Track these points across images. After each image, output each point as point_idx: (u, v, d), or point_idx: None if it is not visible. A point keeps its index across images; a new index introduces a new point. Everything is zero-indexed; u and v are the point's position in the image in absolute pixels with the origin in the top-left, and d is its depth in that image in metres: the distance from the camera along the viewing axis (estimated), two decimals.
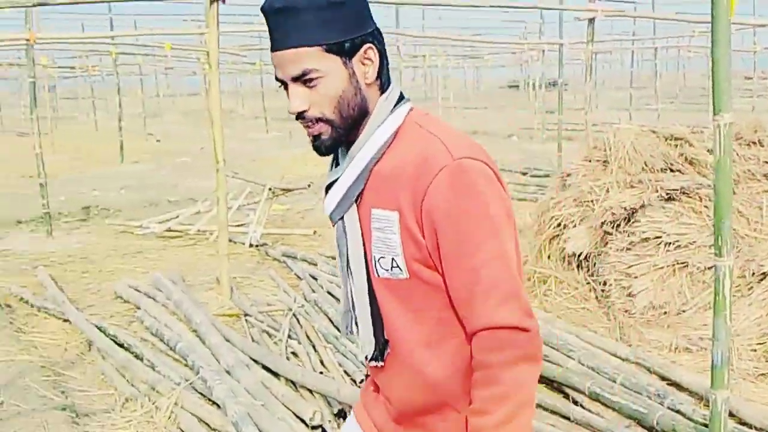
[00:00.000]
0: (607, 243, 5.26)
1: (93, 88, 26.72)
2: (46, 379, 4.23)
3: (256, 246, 7.41)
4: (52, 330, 5.15)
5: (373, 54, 1.54)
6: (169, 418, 3.68)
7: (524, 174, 11.50)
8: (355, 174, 1.57)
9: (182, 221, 8.39)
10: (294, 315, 5.09)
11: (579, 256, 5.46)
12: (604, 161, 5.82)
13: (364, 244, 1.58)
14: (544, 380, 3.92)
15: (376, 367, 1.65)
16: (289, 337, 4.75)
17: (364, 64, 1.54)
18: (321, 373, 4.10)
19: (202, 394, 3.91)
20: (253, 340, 4.77)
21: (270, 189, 7.72)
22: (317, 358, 4.37)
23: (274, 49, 1.52)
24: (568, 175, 6.10)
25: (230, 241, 7.70)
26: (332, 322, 4.87)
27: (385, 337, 1.61)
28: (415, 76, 33.76)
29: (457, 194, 1.46)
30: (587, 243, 5.38)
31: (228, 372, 4.06)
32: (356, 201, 1.58)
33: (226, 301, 5.62)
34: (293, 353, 4.53)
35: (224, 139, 5.76)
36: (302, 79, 1.51)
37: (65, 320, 5.24)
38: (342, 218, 1.60)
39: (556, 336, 4.42)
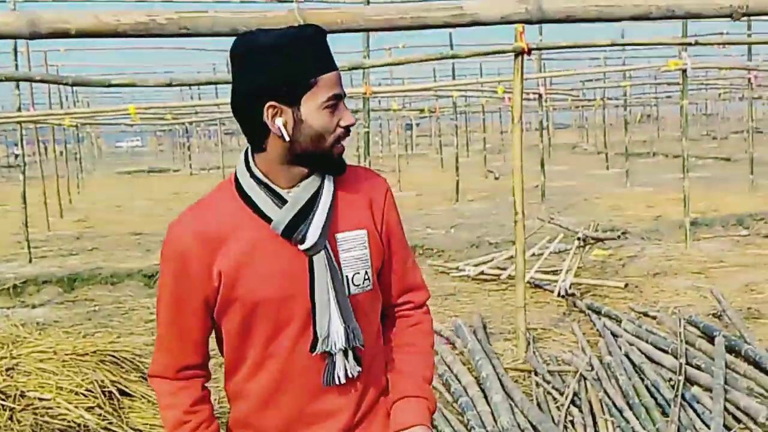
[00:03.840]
0: None
1: (440, 125, 28.34)
2: None
3: (565, 296, 7.23)
4: None
5: None
6: None
7: None
8: (329, 200, 1.72)
9: (498, 264, 8.49)
10: (583, 377, 4.89)
11: None
12: None
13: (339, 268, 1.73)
14: None
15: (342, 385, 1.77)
16: (573, 402, 4.58)
17: None
18: None
19: None
20: (538, 401, 4.68)
21: (579, 238, 7.50)
22: None
23: (332, 69, 1.65)
24: None
25: (538, 288, 7.69)
26: (621, 390, 4.60)
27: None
28: None
29: (395, 206, 1.87)
30: None
31: None
32: None
33: (520, 354, 5.56)
34: (572, 422, 4.36)
35: (564, 178, 5.72)
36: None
37: None
38: (326, 246, 1.71)
39: None
